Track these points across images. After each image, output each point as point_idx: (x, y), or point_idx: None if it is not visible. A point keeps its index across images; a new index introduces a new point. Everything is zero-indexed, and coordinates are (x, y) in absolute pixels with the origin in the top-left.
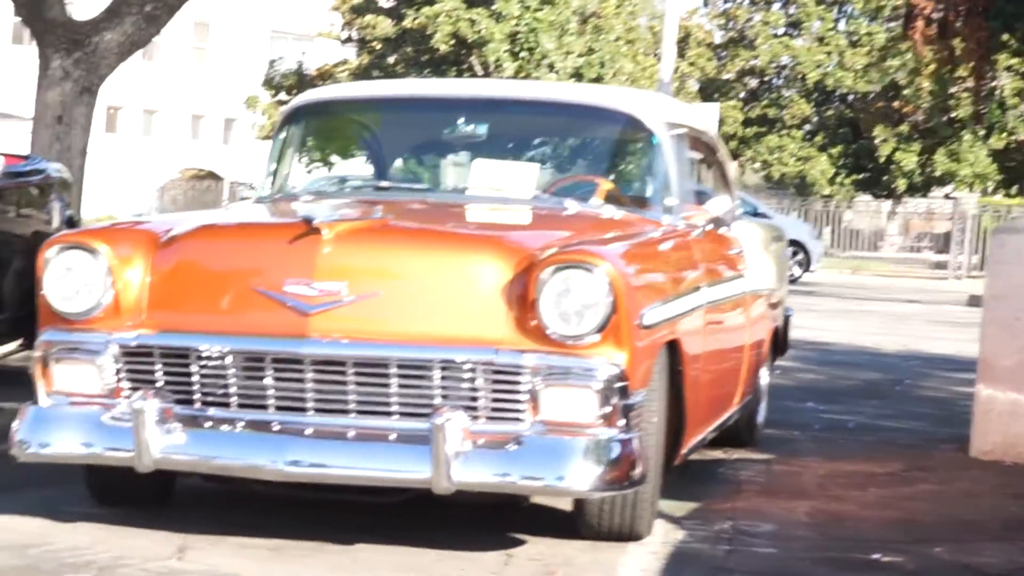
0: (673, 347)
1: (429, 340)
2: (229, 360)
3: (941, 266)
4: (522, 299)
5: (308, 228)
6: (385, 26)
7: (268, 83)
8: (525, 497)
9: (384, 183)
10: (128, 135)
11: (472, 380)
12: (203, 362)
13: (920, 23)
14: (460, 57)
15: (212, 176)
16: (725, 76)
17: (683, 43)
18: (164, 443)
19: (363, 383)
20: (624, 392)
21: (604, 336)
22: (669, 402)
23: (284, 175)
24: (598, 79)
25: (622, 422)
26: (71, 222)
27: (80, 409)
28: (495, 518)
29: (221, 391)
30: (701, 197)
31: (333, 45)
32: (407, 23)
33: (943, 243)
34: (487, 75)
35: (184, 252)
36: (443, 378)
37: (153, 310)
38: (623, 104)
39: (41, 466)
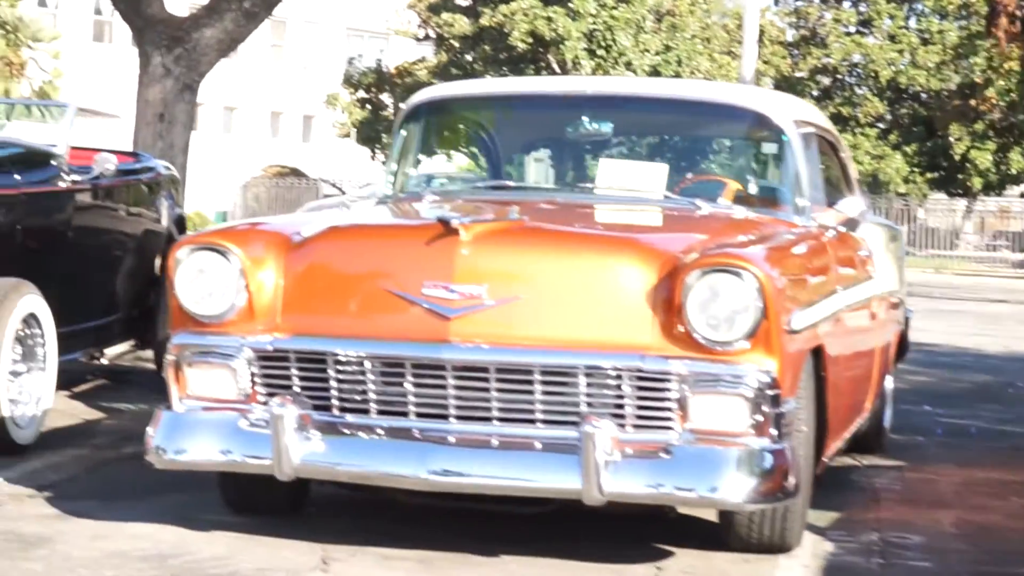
0: (816, 352)
1: (573, 345)
2: (367, 365)
3: (1022, 265)
4: (668, 304)
5: (445, 229)
6: (462, 24)
7: (348, 81)
8: (672, 508)
9: (509, 182)
10: (209, 132)
11: (618, 387)
12: (340, 367)
13: (1003, 20)
14: (537, 55)
15: (295, 173)
16: (797, 74)
17: (760, 39)
18: (303, 450)
19: (506, 389)
20: (776, 400)
21: (754, 342)
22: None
23: (405, 174)
24: (675, 77)
25: (774, 431)
26: (180, 221)
27: (216, 415)
28: (638, 528)
29: (360, 397)
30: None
31: (409, 43)
32: (484, 21)
33: (1020, 242)
34: (564, 73)
35: (318, 254)
36: (588, 385)
37: (287, 313)
38: (752, 102)
39: (166, 471)
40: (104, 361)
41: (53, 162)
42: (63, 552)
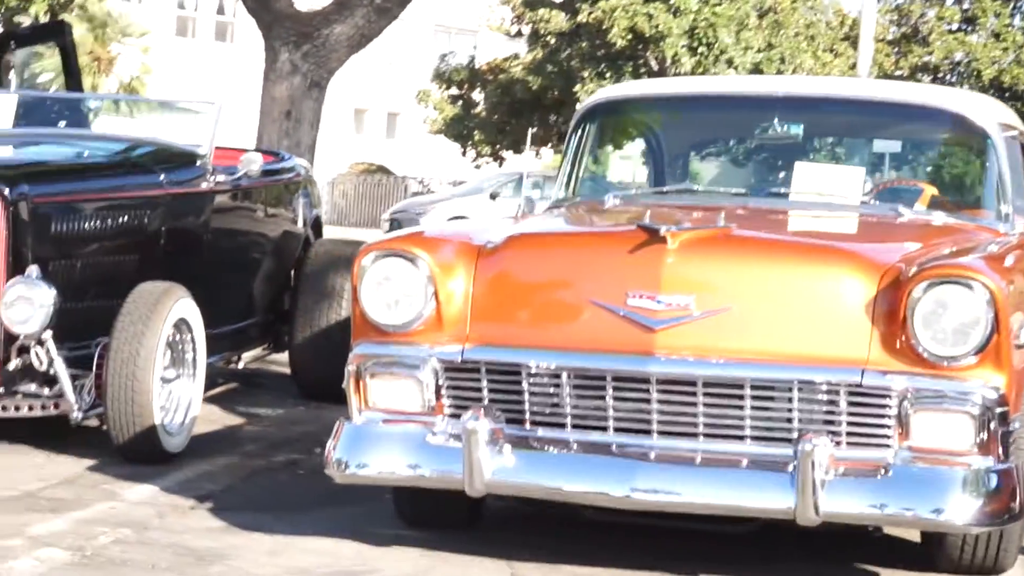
0: None
1: (785, 359)
2: (564, 377)
3: None
4: (889, 316)
5: (650, 237)
6: (559, 20)
7: (439, 77)
8: (878, 528)
9: (696, 187)
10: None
11: (833, 402)
12: (534, 379)
13: None
14: (636, 52)
15: (382, 170)
16: (898, 72)
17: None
18: (495, 465)
19: (713, 404)
20: (1004, 418)
21: (982, 357)
22: None
23: (580, 178)
24: (779, 75)
25: (1001, 450)
26: (317, 222)
27: (400, 428)
28: (835, 547)
29: (554, 410)
30: None
31: (498, 38)
32: (582, 17)
33: None
34: (663, 71)
35: (510, 261)
36: (801, 400)
37: (478, 323)
38: (953, 103)
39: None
40: (241, 366)
41: (197, 162)
42: (241, 568)
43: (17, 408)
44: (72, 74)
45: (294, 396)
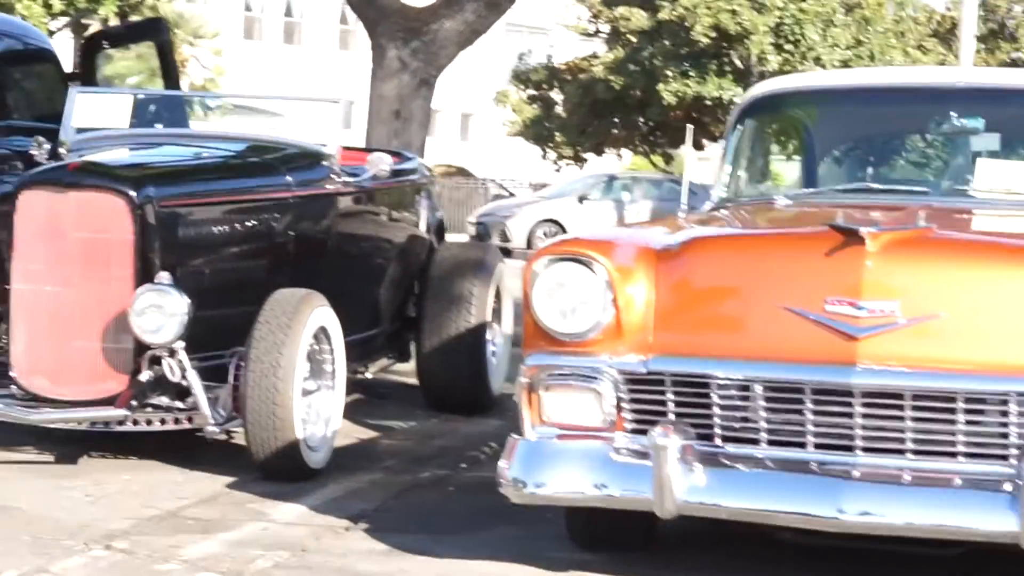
0: None
1: (1001, 369)
2: (758, 390)
3: None
4: None
5: (847, 238)
6: (640, 18)
7: (517, 77)
8: None
9: (875, 184)
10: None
11: None
12: (725, 391)
13: None
14: (721, 50)
15: (461, 173)
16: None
17: (949, 33)
18: (686, 485)
19: (923, 419)
20: None
21: None
22: None
23: (741, 177)
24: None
25: None
26: (440, 226)
27: (579, 444)
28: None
29: (747, 425)
30: None
31: (572, 37)
32: (663, 15)
33: None
34: (748, 69)
35: (695, 265)
36: (1019, 414)
37: (660, 331)
38: None
39: (469, 498)
40: (368, 376)
41: (324, 163)
42: None
43: (149, 422)
44: (169, 74)
45: (421, 407)
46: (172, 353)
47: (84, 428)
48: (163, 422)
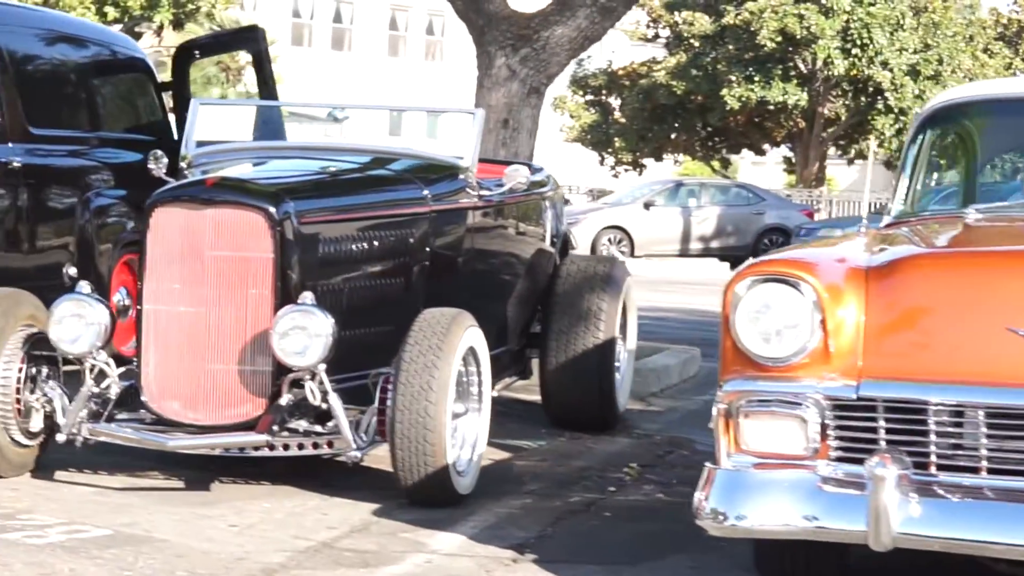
0: None
1: None
2: (979, 416)
3: None
4: None
5: None
6: (703, 23)
7: (575, 83)
8: None
9: None
10: (412, 138)
11: None
12: (941, 418)
13: None
14: (787, 54)
15: None
16: None
17: (1018, 36)
18: (902, 516)
19: None
20: None
21: None
22: None
23: (920, 189)
24: (936, 77)
25: None
26: (566, 240)
27: (783, 474)
28: None
29: (964, 453)
30: None
31: (626, 42)
32: (727, 19)
33: None
34: (813, 74)
35: (909, 285)
36: None
37: (871, 355)
38: None
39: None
40: (494, 394)
41: (460, 176)
42: None
43: (286, 447)
44: (266, 82)
45: (544, 425)
46: (312, 375)
47: (216, 453)
48: (301, 447)
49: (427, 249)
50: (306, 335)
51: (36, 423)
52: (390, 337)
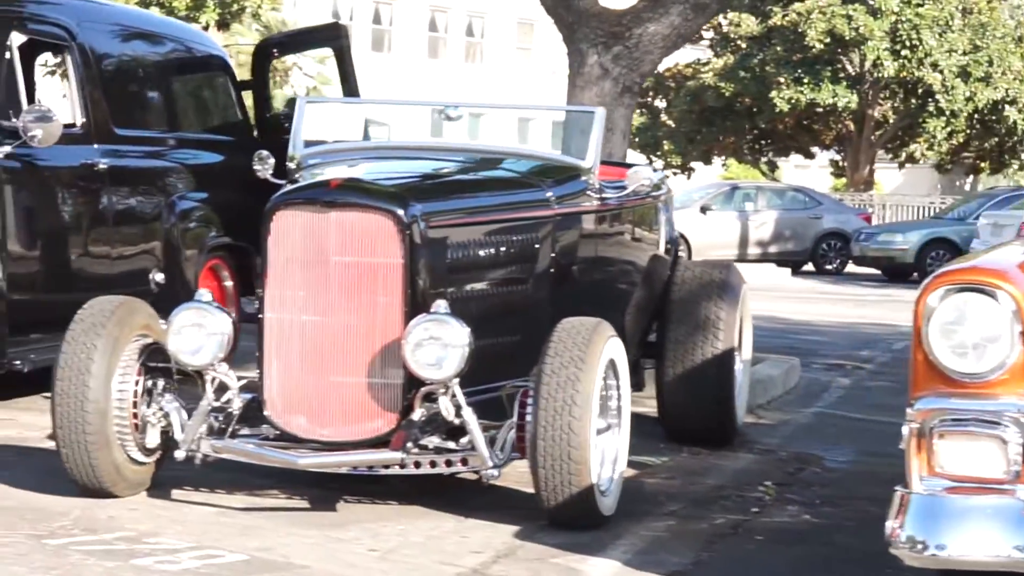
0: None
1: None
2: None
3: None
4: None
5: None
6: (750, 24)
7: None
8: None
9: None
10: (455, 139)
11: None
12: None
13: None
14: (835, 56)
15: None
16: None
17: None
18: None
19: None
20: None
21: None
22: None
23: None
24: (986, 79)
25: None
26: (676, 244)
27: (986, 500)
28: None
29: None
30: None
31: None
32: (775, 20)
33: None
34: (862, 75)
35: None
36: None
37: None
38: None
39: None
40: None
41: (582, 177)
42: None
43: (417, 464)
44: (348, 80)
45: (661, 439)
46: (445, 388)
47: (344, 471)
48: (433, 464)
49: (551, 255)
50: (441, 346)
51: (152, 439)
52: (516, 347)
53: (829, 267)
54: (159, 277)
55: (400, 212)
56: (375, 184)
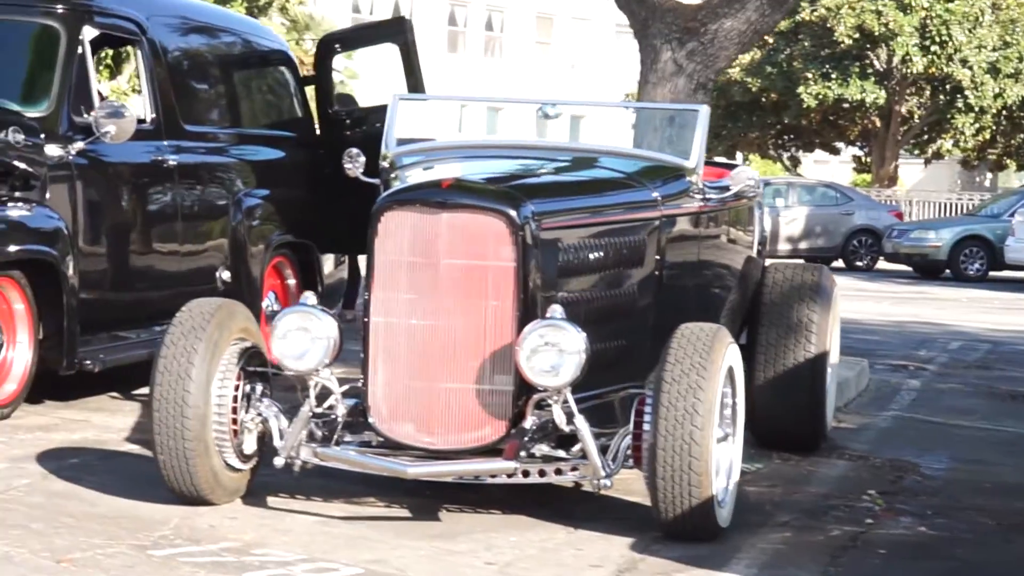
0: None
1: None
2: None
3: None
4: None
5: None
6: None
7: None
8: None
9: None
10: (473, 133)
11: None
12: None
13: None
14: (863, 51)
15: None
16: None
17: None
18: None
19: None
20: None
21: None
22: None
23: None
24: (1015, 75)
25: None
26: (766, 244)
27: None
28: None
29: None
30: None
31: None
32: (803, 15)
33: None
34: (889, 71)
35: None
36: None
37: None
38: None
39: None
40: None
41: (687, 178)
42: None
43: (526, 473)
44: (413, 75)
45: (750, 444)
46: (557, 395)
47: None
48: (542, 473)
49: (656, 257)
50: (557, 352)
51: (249, 445)
52: (621, 353)
53: (859, 264)
54: (225, 275)
55: (512, 213)
56: (487, 184)
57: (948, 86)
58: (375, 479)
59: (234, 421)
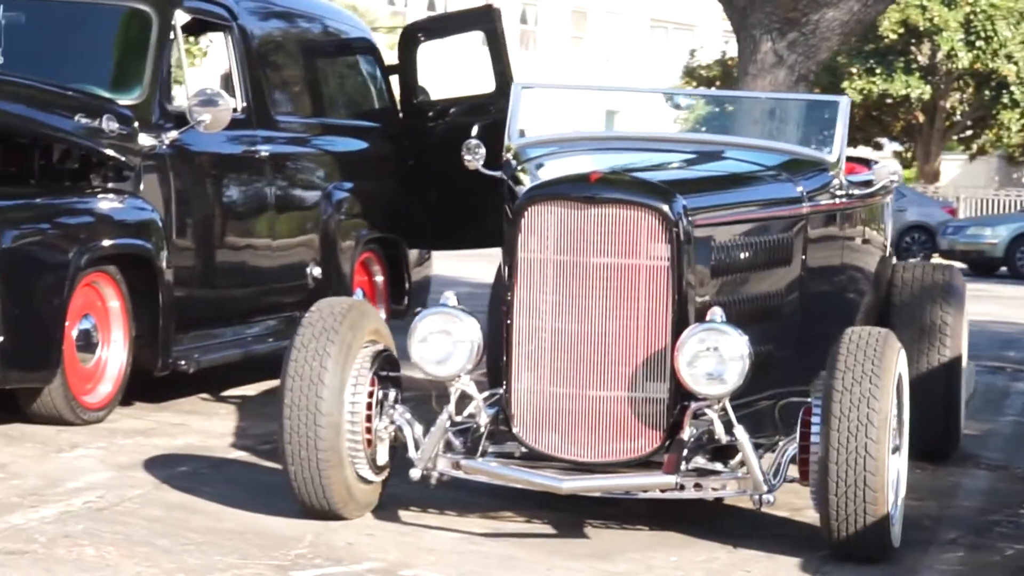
0: None
1: None
2: None
3: None
4: None
5: None
6: None
7: (688, 74)
8: None
9: None
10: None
11: None
12: None
13: None
14: (908, 46)
15: None
16: None
17: None
18: None
19: None
20: None
21: None
22: None
23: None
24: None
25: None
26: (892, 243)
27: None
28: None
29: None
30: None
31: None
32: None
33: None
34: (933, 66)
35: None
36: None
37: None
38: None
39: None
40: None
41: (829, 172)
42: None
43: (681, 488)
44: (501, 63)
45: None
46: (716, 404)
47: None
48: (698, 487)
49: (801, 256)
50: (719, 358)
51: (382, 455)
52: (769, 358)
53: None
54: (316, 271)
55: (666, 208)
56: (639, 177)
57: (993, 81)
58: (506, 490)
59: (367, 430)
